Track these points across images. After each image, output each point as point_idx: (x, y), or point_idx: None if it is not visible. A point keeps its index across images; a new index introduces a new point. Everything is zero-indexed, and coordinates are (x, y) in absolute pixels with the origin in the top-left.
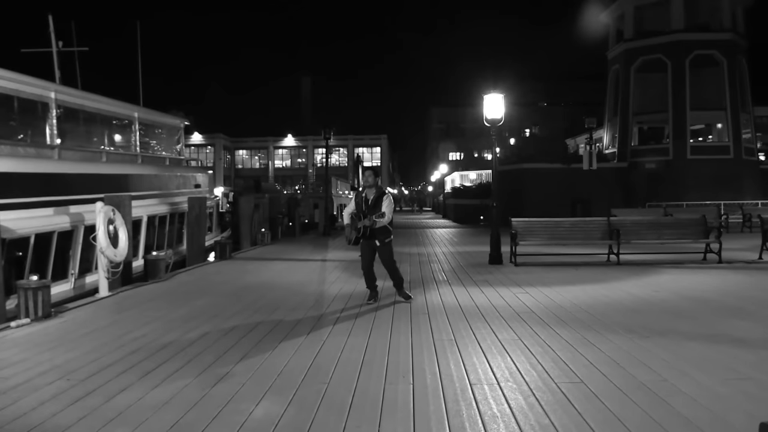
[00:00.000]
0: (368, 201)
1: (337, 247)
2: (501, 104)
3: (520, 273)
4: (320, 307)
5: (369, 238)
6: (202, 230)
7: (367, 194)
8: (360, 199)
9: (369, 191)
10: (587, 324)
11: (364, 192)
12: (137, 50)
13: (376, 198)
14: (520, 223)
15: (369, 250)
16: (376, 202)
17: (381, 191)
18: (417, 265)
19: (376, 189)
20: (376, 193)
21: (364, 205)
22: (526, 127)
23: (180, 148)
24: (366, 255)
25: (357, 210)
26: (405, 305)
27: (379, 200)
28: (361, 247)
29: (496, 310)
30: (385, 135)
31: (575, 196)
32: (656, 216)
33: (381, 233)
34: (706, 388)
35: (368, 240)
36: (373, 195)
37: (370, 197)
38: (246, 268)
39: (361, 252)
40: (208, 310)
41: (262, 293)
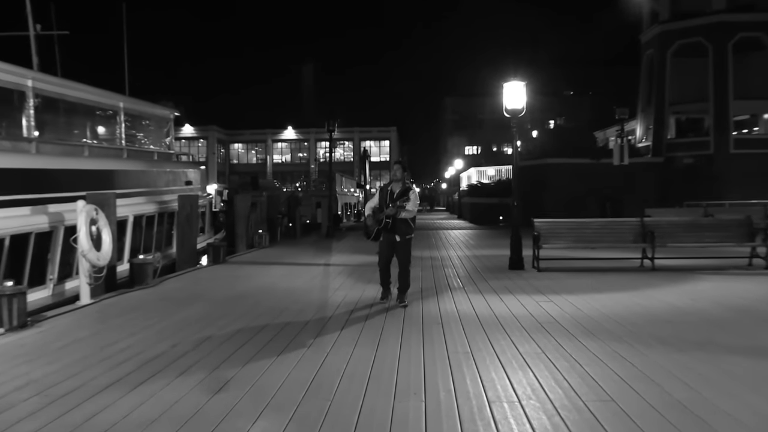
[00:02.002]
0: (393, 194)
1: (342, 251)
2: (522, 93)
3: (543, 279)
4: (323, 316)
5: (390, 231)
6: (194, 231)
7: (392, 188)
8: (385, 193)
9: (395, 185)
10: (618, 336)
11: (389, 186)
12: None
13: (401, 192)
14: (543, 225)
15: (388, 246)
16: (401, 196)
17: (407, 186)
18: (429, 270)
19: (402, 183)
20: (402, 187)
21: (389, 199)
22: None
23: (169, 142)
24: (384, 251)
25: (381, 204)
26: (416, 313)
27: (405, 194)
28: (380, 243)
29: (516, 320)
30: (394, 127)
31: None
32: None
33: (402, 228)
34: (752, 408)
35: (389, 234)
36: (398, 189)
37: (396, 191)
38: (242, 273)
39: (380, 248)
40: (200, 319)
41: (259, 300)
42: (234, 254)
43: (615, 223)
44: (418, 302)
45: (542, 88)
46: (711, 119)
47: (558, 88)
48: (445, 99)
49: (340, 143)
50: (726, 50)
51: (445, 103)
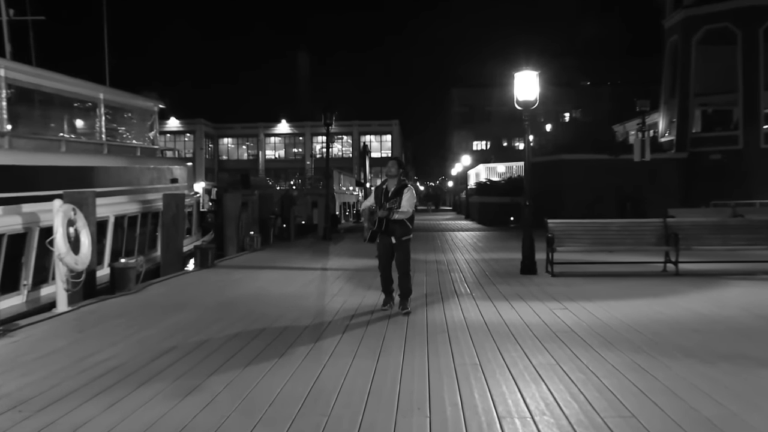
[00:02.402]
0: (388, 194)
1: (341, 254)
2: (535, 84)
3: (557, 285)
4: (320, 324)
5: (385, 233)
6: (180, 233)
7: (388, 186)
8: (380, 192)
9: (390, 183)
10: (638, 346)
11: (385, 184)
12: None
13: (396, 190)
14: (558, 226)
15: (386, 249)
16: (395, 195)
17: (403, 183)
18: (435, 275)
19: (398, 181)
20: (397, 185)
21: (383, 198)
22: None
23: (153, 136)
24: (383, 254)
25: (376, 203)
26: (421, 322)
27: (399, 192)
28: (378, 246)
29: (529, 328)
30: (396, 120)
31: (624, 193)
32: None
33: (399, 229)
34: None
35: (384, 236)
36: (393, 187)
37: (390, 189)
38: (232, 277)
39: (378, 251)
40: (187, 327)
41: (251, 308)
42: (223, 258)
43: (635, 225)
44: (422, 309)
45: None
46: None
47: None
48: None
49: (338, 138)
50: (756, 36)
51: (452, 95)
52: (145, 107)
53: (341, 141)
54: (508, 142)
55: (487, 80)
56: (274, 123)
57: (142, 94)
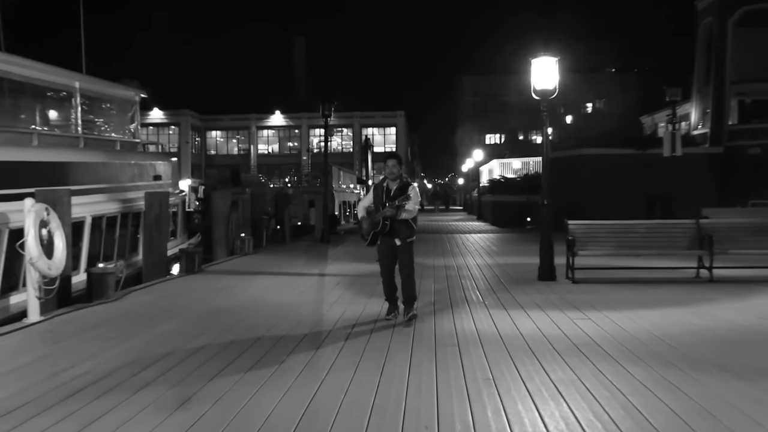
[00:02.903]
0: (390, 192)
1: (340, 258)
2: (554, 71)
3: (579, 292)
4: (318, 335)
5: (388, 235)
6: (164, 235)
7: (388, 185)
8: (380, 191)
9: (391, 182)
10: (669, 360)
11: (385, 183)
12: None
13: (399, 189)
14: (579, 227)
15: (389, 252)
16: (399, 193)
17: (405, 182)
18: (443, 281)
19: (400, 180)
20: (399, 184)
21: (385, 197)
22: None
23: (135, 128)
24: (385, 258)
25: (375, 203)
26: (428, 333)
27: (404, 190)
28: (379, 249)
29: (547, 341)
30: (401, 111)
31: (653, 192)
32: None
33: (403, 230)
34: None
35: (387, 237)
36: (395, 185)
37: (392, 188)
38: (221, 284)
39: (380, 255)
40: (171, 338)
41: (241, 317)
42: (212, 262)
43: (665, 226)
44: (430, 318)
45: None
46: None
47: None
48: (462, 78)
49: (338, 131)
50: None
51: (462, 83)
52: (126, 97)
53: (341, 134)
54: (524, 136)
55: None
56: (268, 114)
57: (122, 82)
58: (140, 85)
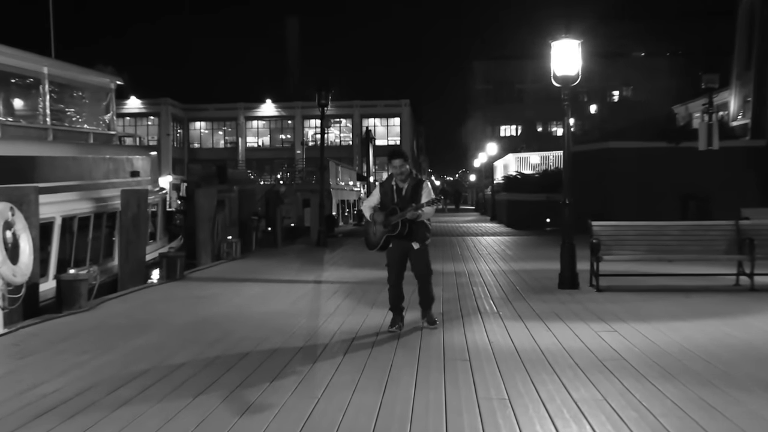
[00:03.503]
0: (401, 191)
1: (338, 263)
2: (577, 55)
3: (604, 302)
4: (313, 349)
5: (405, 238)
6: (142, 238)
7: (397, 182)
8: (388, 189)
9: (400, 179)
10: (705, 378)
11: (393, 180)
12: None
13: (413, 187)
14: (604, 229)
15: (400, 257)
16: (414, 192)
17: (417, 179)
18: (453, 289)
19: (410, 178)
20: (411, 182)
21: (396, 196)
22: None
23: (110, 119)
24: (396, 264)
25: (384, 202)
26: (436, 346)
27: (418, 190)
28: (390, 254)
29: (569, 355)
30: (406, 100)
31: (687, 190)
32: None
33: (421, 233)
34: None
35: (403, 241)
36: (406, 184)
37: (403, 186)
38: (205, 292)
39: (390, 260)
40: (150, 353)
41: (228, 329)
42: (195, 268)
43: (701, 228)
44: (439, 330)
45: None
46: None
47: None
48: (473, 63)
49: (336, 121)
50: None
51: (474, 69)
52: (100, 84)
53: (339, 125)
54: (543, 127)
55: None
56: (257, 104)
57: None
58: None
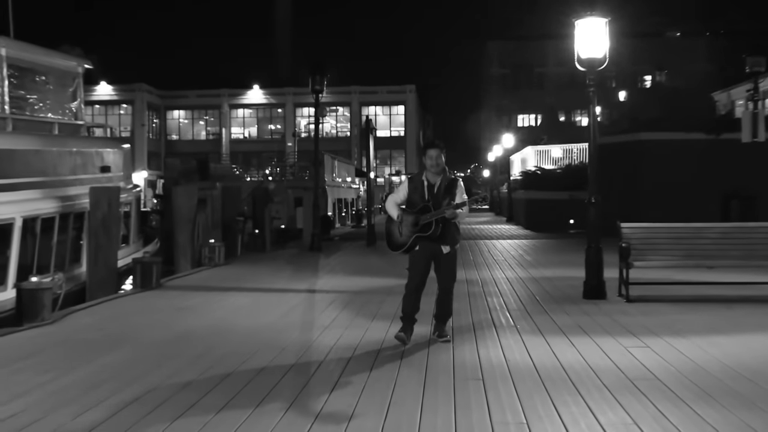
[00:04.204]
0: (433, 187)
1: (335, 270)
2: (604, 35)
3: (635, 313)
4: (305, 368)
5: (437, 240)
6: (113, 241)
7: (428, 178)
8: (419, 184)
9: (432, 175)
10: (749, 399)
11: (424, 176)
12: None
13: (446, 185)
14: (635, 232)
15: (427, 261)
16: (447, 190)
17: (452, 177)
18: (464, 299)
19: (443, 174)
20: (445, 178)
21: (428, 193)
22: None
23: (77, 107)
24: (421, 268)
25: (413, 199)
26: (445, 364)
27: (451, 188)
28: (415, 257)
29: (595, 374)
30: (412, 86)
31: (729, 187)
32: None
33: (453, 235)
34: None
35: (431, 243)
36: (439, 180)
37: (435, 182)
38: (185, 303)
39: (414, 264)
40: (121, 372)
41: (210, 345)
42: (173, 275)
43: (744, 230)
44: (448, 346)
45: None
46: None
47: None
48: (487, 44)
49: (332, 110)
50: None
51: (489, 51)
52: (66, 68)
53: (336, 114)
54: (566, 116)
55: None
56: (243, 90)
57: (61, 49)
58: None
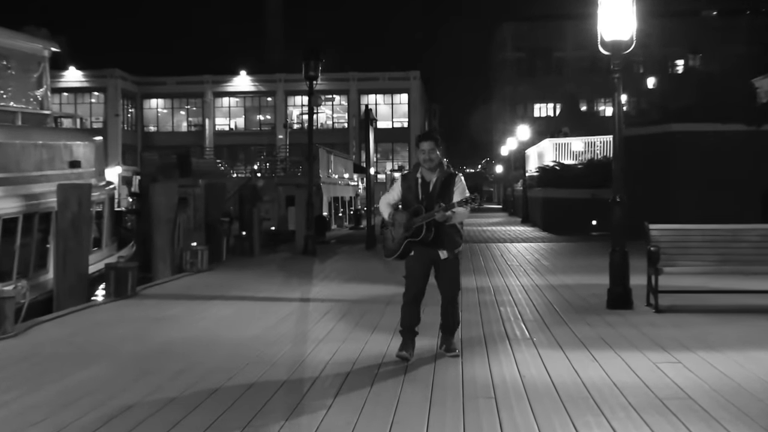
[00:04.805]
0: (428, 185)
1: (330, 276)
2: (630, 14)
3: (664, 325)
4: (298, 385)
5: (432, 245)
6: (84, 245)
7: (424, 174)
8: (413, 182)
9: (427, 172)
10: None
11: (419, 173)
12: None
13: (443, 181)
14: (665, 234)
15: (423, 268)
16: (444, 188)
17: (450, 172)
18: (475, 309)
19: (440, 169)
20: (441, 174)
21: (422, 193)
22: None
23: (43, 95)
24: (417, 276)
25: (407, 199)
26: (454, 381)
27: (449, 186)
28: (411, 264)
29: (620, 393)
30: (416, 72)
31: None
32: None
33: (451, 238)
34: None
35: (427, 248)
36: (435, 177)
37: (431, 179)
38: (164, 313)
39: (410, 271)
40: (94, 390)
41: (192, 360)
42: (151, 283)
43: None
44: (457, 361)
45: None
46: None
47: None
48: (502, 26)
49: (327, 99)
50: None
51: (502, 32)
52: (30, 51)
53: (332, 103)
54: (587, 105)
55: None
56: (230, 76)
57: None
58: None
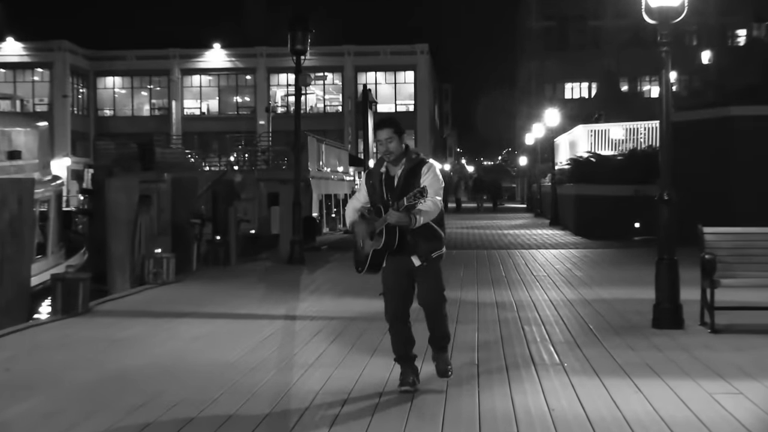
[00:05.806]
0: (393, 181)
1: (322, 289)
2: None
3: (722, 348)
4: (283, 419)
5: (400, 251)
6: (25, 252)
7: (389, 170)
8: (377, 180)
9: (390, 166)
10: None
11: (383, 167)
12: None
13: (407, 173)
14: (723, 239)
15: (401, 280)
16: (407, 181)
17: (416, 160)
18: (494, 328)
19: (405, 159)
20: (407, 163)
21: (386, 191)
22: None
23: None
24: (395, 290)
25: (374, 203)
26: (469, 414)
27: (414, 177)
28: (385, 276)
29: (670, 430)
30: (425, 45)
31: None
32: None
33: (425, 241)
34: None
35: (398, 257)
36: (399, 171)
37: (395, 174)
38: (122, 333)
39: (386, 285)
40: (37, 426)
41: (156, 389)
42: (107, 297)
43: None
44: (472, 389)
45: None
46: None
47: None
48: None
49: (318, 77)
50: None
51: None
52: None
53: (324, 83)
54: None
55: None
56: (201, 51)
57: None
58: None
